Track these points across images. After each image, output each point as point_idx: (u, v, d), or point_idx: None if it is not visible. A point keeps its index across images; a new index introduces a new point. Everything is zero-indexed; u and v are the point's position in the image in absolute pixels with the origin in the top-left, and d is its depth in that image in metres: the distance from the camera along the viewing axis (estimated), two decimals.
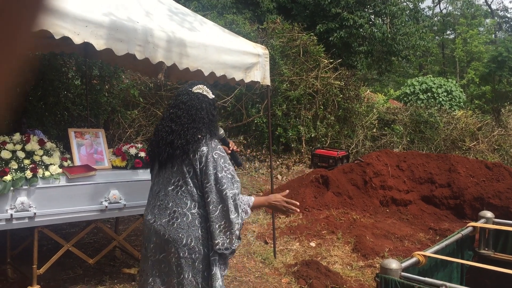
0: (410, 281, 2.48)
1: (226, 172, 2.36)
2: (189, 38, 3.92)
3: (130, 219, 5.72)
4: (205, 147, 2.39)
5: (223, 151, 2.43)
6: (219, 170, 2.35)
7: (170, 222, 2.40)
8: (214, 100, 2.58)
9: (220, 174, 2.35)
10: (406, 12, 17.38)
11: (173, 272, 2.41)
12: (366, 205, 7.38)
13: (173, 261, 2.40)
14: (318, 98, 11.42)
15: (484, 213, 3.77)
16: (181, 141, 2.40)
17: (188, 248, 2.37)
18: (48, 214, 3.53)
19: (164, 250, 2.43)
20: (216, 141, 2.47)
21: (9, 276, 4.17)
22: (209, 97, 2.53)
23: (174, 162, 2.43)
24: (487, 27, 35.68)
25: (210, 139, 2.43)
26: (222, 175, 2.35)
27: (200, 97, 2.50)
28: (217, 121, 2.60)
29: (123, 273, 4.49)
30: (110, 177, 3.91)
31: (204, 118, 2.46)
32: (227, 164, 2.39)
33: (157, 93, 9.47)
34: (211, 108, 2.52)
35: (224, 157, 2.40)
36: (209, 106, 2.51)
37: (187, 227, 2.38)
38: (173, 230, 2.39)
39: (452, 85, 18.70)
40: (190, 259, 2.38)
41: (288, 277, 4.67)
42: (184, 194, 2.41)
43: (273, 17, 13.91)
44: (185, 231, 2.38)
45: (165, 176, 2.48)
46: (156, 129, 2.60)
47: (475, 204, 7.11)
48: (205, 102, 2.50)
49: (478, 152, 12.09)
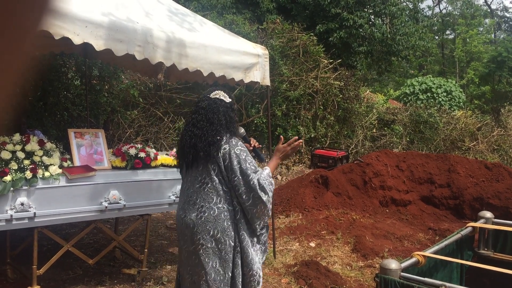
0: (410, 282, 2.48)
1: (249, 164, 2.62)
2: (188, 38, 3.93)
3: (129, 219, 5.72)
4: (227, 145, 2.63)
5: (243, 146, 2.69)
6: (242, 163, 2.60)
7: (198, 216, 2.62)
8: (232, 103, 2.80)
9: (244, 167, 2.60)
10: (405, 12, 17.39)
11: (201, 263, 2.62)
12: (366, 205, 7.38)
13: (201, 252, 2.61)
14: (318, 98, 11.43)
15: (484, 213, 3.77)
16: (203, 143, 2.64)
17: (214, 239, 2.60)
18: (48, 214, 3.53)
19: (194, 242, 2.64)
20: (236, 138, 2.70)
21: (9, 276, 4.16)
22: (226, 101, 2.76)
23: (199, 162, 2.67)
24: (487, 27, 35.71)
25: (230, 137, 2.67)
26: (246, 167, 2.60)
27: (217, 102, 2.74)
28: (235, 121, 2.80)
29: (122, 273, 4.49)
30: (110, 178, 3.91)
31: (221, 121, 2.69)
32: (249, 157, 2.65)
33: (157, 93, 9.48)
34: (228, 111, 2.75)
35: (245, 151, 2.66)
36: (226, 109, 2.74)
37: (213, 220, 2.60)
38: (201, 223, 2.61)
39: (452, 85, 18.72)
40: (217, 250, 2.61)
41: (288, 277, 4.67)
42: (210, 190, 2.64)
43: (272, 17, 13.92)
44: (212, 224, 2.60)
45: (192, 175, 2.72)
46: (181, 133, 2.88)
47: (475, 204, 7.11)
48: (222, 106, 2.74)
49: (478, 152, 12.10)
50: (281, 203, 7.12)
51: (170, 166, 4.36)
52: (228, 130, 2.70)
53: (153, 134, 9.09)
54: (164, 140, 9.04)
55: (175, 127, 9.40)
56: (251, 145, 3.02)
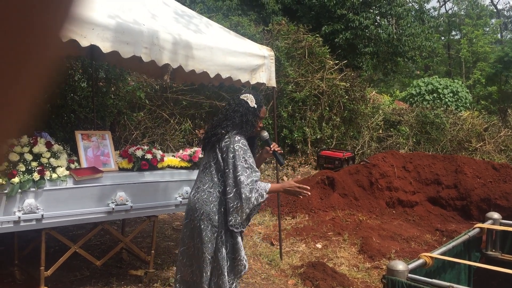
0: (417, 283, 2.47)
1: (242, 162, 2.81)
2: (194, 40, 3.94)
3: (136, 220, 5.73)
4: (229, 139, 2.87)
5: (245, 145, 2.88)
6: (237, 159, 2.81)
7: (194, 195, 2.97)
8: (255, 109, 3.00)
9: (237, 163, 2.80)
10: (411, 13, 17.34)
11: (190, 235, 2.96)
12: (372, 207, 7.36)
13: (192, 226, 2.95)
14: (324, 100, 11.42)
15: (491, 214, 3.75)
16: (210, 133, 2.99)
17: (200, 219, 2.88)
18: (56, 216, 3.54)
19: (187, 216, 3.01)
20: (240, 136, 2.90)
21: (17, 277, 4.18)
22: (249, 105, 2.98)
23: (206, 149, 3.03)
24: (493, 27, 35.52)
25: (235, 134, 2.90)
26: (239, 163, 2.80)
27: (241, 103, 3.00)
28: (252, 125, 2.99)
29: (130, 275, 4.51)
30: (117, 179, 3.93)
31: (235, 119, 2.93)
32: (245, 156, 2.84)
33: (163, 95, 9.49)
34: (248, 114, 2.96)
35: (244, 150, 2.86)
36: (247, 112, 2.96)
37: (202, 202, 2.90)
38: (194, 201, 2.94)
39: (458, 85, 18.63)
40: (200, 229, 2.88)
41: (295, 278, 4.67)
42: (207, 174, 2.95)
43: (278, 18, 13.91)
44: (200, 204, 2.90)
45: (203, 158, 3.11)
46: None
47: (482, 205, 7.08)
48: (243, 107, 2.97)
49: (485, 153, 12.04)
50: (287, 204, 7.12)
51: (177, 168, 4.37)
52: (241, 129, 2.93)
53: (160, 136, 9.10)
54: (170, 142, 9.05)
55: (181, 128, 9.42)
56: (271, 148, 3.14)
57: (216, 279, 2.90)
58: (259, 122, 3.07)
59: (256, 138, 3.19)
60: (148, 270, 4.34)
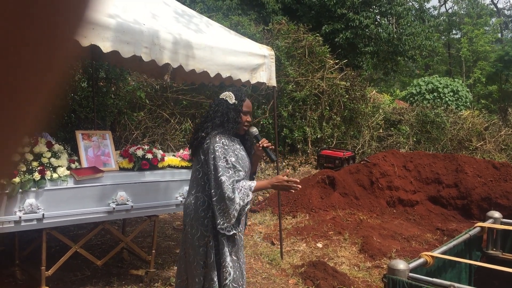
0: (418, 282, 2.47)
1: (223, 162, 2.74)
2: (195, 39, 3.94)
3: (137, 220, 5.73)
4: (209, 141, 2.81)
5: (226, 144, 2.79)
6: (217, 160, 2.74)
7: (186, 200, 2.99)
8: (236, 105, 2.92)
9: (218, 163, 2.73)
10: (411, 12, 17.33)
11: (185, 241, 2.94)
12: (373, 206, 7.36)
13: (185, 232, 2.95)
14: (324, 99, 11.42)
15: (492, 213, 3.75)
16: (194, 137, 2.96)
17: (190, 225, 2.87)
18: (56, 216, 3.54)
19: (183, 222, 3.02)
20: (221, 136, 2.82)
21: (18, 277, 4.19)
22: (229, 102, 2.91)
23: (192, 154, 3.00)
24: (493, 26, 35.51)
25: (216, 134, 2.82)
26: (219, 164, 2.73)
27: (221, 102, 2.93)
28: (236, 121, 2.90)
29: (130, 274, 4.51)
30: (117, 179, 3.93)
31: (214, 119, 2.88)
32: (227, 156, 2.76)
33: (163, 94, 9.49)
34: (229, 111, 2.88)
35: (225, 150, 2.77)
36: (226, 110, 2.89)
37: (192, 207, 2.88)
38: (186, 206, 2.95)
39: (459, 85, 18.62)
40: (190, 234, 2.87)
41: (295, 278, 4.67)
42: (195, 179, 2.91)
43: (278, 18, 13.91)
44: (190, 210, 2.88)
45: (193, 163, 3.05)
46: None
47: (483, 204, 7.08)
48: (223, 105, 2.90)
49: (485, 152, 12.04)
50: (287, 203, 7.12)
51: (177, 167, 4.37)
52: (223, 128, 2.86)
53: (160, 136, 9.10)
54: (171, 142, 9.05)
55: (181, 128, 9.42)
56: (259, 145, 3.00)
57: (207, 284, 2.85)
58: (246, 117, 2.97)
59: (247, 136, 3.08)
60: (149, 270, 4.35)
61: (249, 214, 6.90)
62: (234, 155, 2.82)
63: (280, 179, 2.90)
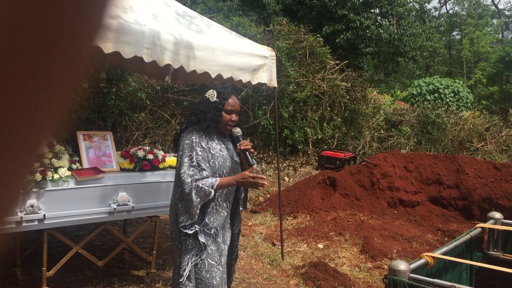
0: (419, 283, 2.48)
1: (187, 160, 2.70)
2: (196, 40, 3.94)
3: (138, 221, 5.74)
4: (182, 138, 2.80)
5: (194, 141, 2.74)
6: (182, 157, 2.72)
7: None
8: (216, 103, 2.85)
9: (182, 160, 2.71)
10: (412, 13, 17.33)
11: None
12: (374, 207, 7.36)
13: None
14: (325, 100, 11.42)
15: (493, 214, 3.75)
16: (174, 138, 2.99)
17: (171, 226, 2.88)
18: (57, 216, 3.55)
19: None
20: (192, 133, 2.78)
21: (19, 278, 4.19)
22: (210, 101, 2.86)
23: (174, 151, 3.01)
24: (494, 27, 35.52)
25: (189, 132, 2.80)
26: (182, 161, 2.71)
27: (203, 101, 2.92)
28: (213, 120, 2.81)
29: (131, 275, 4.51)
30: (119, 180, 3.93)
31: (192, 117, 2.89)
32: (192, 153, 2.72)
33: (164, 95, 9.51)
34: (206, 110, 2.84)
35: (191, 147, 2.73)
36: (205, 108, 2.85)
37: (170, 208, 2.90)
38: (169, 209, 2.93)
39: (459, 85, 18.62)
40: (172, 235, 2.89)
41: (296, 278, 4.67)
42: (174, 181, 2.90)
43: (279, 19, 13.91)
44: (169, 211, 2.91)
45: None
46: None
47: (484, 205, 7.07)
48: (203, 104, 2.88)
49: (486, 152, 12.03)
50: (288, 204, 7.12)
51: None
52: (198, 126, 2.83)
53: (161, 136, 9.12)
54: (171, 142, 9.06)
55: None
56: (238, 147, 2.86)
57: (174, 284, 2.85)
58: (229, 116, 2.86)
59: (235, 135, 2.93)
60: (150, 271, 4.35)
61: (250, 214, 6.90)
62: (206, 154, 2.76)
63: (245, 175, 2.75)
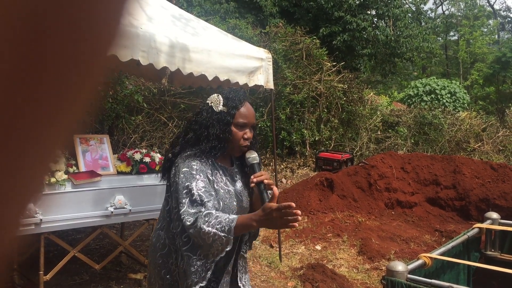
0: (417, 283, 2.48)
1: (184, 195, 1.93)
2: (192, 43, 3.94)
3: (135, 224, 5.72)
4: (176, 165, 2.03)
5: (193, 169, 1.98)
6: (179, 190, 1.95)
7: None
8: (224, 113, 2.05)
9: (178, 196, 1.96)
10: (408, 14, 17.37)
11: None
12: (371, 208, 7.36)
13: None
14: (322, 101, 11.43)
15: (490, 214, 3.76)
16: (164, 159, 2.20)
17: (149, 270, 2.30)
18: (54, 220, 3.54)
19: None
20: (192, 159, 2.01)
21: (16, 282, 4.18)
22: (214, 110, 2.06)
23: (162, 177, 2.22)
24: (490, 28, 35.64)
25: (187, 156, 2.02)
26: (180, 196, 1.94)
27: (204, 110, 2.11)
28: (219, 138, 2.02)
29: (129, 278, 4.50)
30: (115, 183, 3.92)
31: (189, 134, 2.10)
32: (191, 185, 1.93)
33: (161, 98, 9.50)
34: (208, 124, 2.04)
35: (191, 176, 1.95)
36: (207, 121, 2.05)
37: (151, 247, 2.19)
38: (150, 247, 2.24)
39: (456, 86, 18.66)
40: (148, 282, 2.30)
41: (294, 280, 4.66)
42: (161, 211, 2.24)
43: (275, 21, 13.94)
44: (150, 250, 2.23)
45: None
46: None
47: (481, 205, 7.09)
48: (205, 115, 2.08)
49: (483, 153, 12.05)
50: None
51: None
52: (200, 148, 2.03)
53: (158, 139, 9.10)
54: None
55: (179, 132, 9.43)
56: (252, 180, 1.98)
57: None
58: (241, 132, 2.06)
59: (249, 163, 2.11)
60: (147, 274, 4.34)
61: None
62: (208, 186, 1.97)
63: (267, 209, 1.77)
